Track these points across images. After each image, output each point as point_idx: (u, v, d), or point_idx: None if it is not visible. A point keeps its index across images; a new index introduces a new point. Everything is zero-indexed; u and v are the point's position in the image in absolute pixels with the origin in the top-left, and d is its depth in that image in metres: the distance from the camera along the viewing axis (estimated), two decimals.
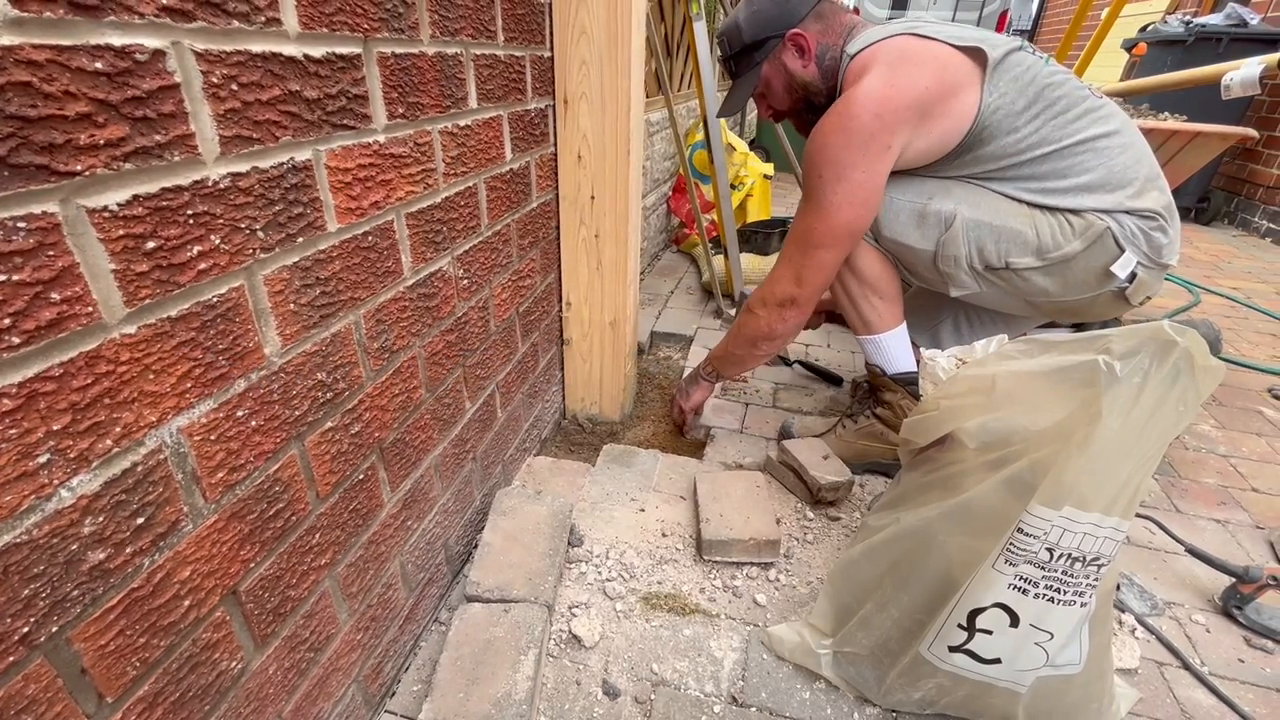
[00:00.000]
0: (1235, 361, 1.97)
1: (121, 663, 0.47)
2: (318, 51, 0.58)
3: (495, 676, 0.81)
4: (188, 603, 0.52)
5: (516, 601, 0.92)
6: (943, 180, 1.16)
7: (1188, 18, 3.63)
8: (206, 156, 0.48)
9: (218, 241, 0.51)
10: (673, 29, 2.53)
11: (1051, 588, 0.70)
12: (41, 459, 0.40)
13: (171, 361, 0.48)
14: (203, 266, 0.50)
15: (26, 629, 0.40)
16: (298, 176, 0.58)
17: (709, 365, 1.42)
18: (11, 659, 0.40)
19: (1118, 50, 4.13)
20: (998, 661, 0.76)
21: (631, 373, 1.61)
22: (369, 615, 0.80)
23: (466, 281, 0.95)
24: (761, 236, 2.58)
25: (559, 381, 1.53)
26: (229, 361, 0.53)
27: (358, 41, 0.63)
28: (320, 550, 0.68)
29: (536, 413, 1.39)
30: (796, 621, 0.97)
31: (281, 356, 0.59)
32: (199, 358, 0.50)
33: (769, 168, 3.05)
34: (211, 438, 0.53)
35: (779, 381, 1.78)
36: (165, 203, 0.46)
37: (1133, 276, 1.11)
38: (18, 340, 0.38)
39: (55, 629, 0.42)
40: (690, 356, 1.92)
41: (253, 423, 0.57)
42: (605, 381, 1.53)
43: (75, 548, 0.43)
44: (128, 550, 0.46)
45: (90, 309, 0.42)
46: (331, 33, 0.59)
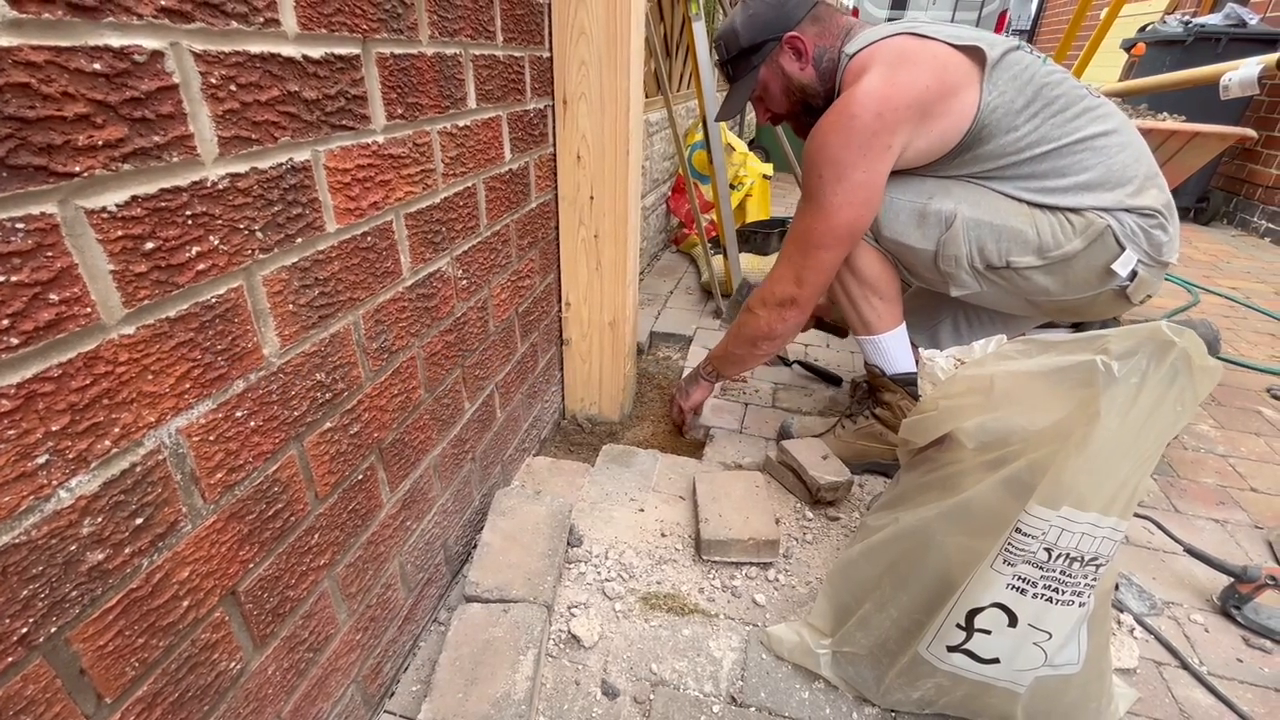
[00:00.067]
0: (1234, 361, 1.97)
1: (120, 663, 0.47)
2: (316, 52, 0.58)
3: (494, 677, 0.81)
4: (186, 603, 0.52)
5: (515, 602, 0.92)
6: (943, 180, 1.16)
7: (1186, 18, 3.63)
8: (205, 157, 0.49)
9: (216, 242, 0.51)
10: (672, 29, 2.53)
11: (1050, 588, 0.70)
12: (40, 460, 0.40)
13: (170, 362, 0.48)
14: (201, 267, 0.50)
15: (25, 629, 0.40)
16: (296, 177, 0.58)
17: (709, 365, 1.42)
18: (10, 660, 0.40)
19: (1116, 50, 4.12)
20: (996, 661, 0.76)
21: (631, 373, 1.61)
22: (368, 615, 0.80)
23: (465, 282, 0.95)
24: (761, 236, 2.58)
25: (558, 382, 1.53)
26: (228, 362, 0.54)
27: (356, 42, 0.63)
28: (319, 550, 0.68)
29: (536, 413, 1.39)
30: (795, 621, 0.97)
31: (280, 357, 0.59)
32: (198, 358, 0.51)
33: (768, 168, 3.05)
34: (210, 438, 0.53)
35: (778, 381, 1.78)
36: (164, 203, 0.46)
37: (1133, 274, 1.11)
38: (16, 341, 0.38)
39: (54, 629, 0.42)
40: (689, 356, 1.92)
41: (251, 423, 0.57)
42: (604, 381, 1.53)
43: (74, 548, 0.43)
44: (126, 551, 0.46)
45: (89, 310, 0.42)
46: (330, 33, 0.59)
